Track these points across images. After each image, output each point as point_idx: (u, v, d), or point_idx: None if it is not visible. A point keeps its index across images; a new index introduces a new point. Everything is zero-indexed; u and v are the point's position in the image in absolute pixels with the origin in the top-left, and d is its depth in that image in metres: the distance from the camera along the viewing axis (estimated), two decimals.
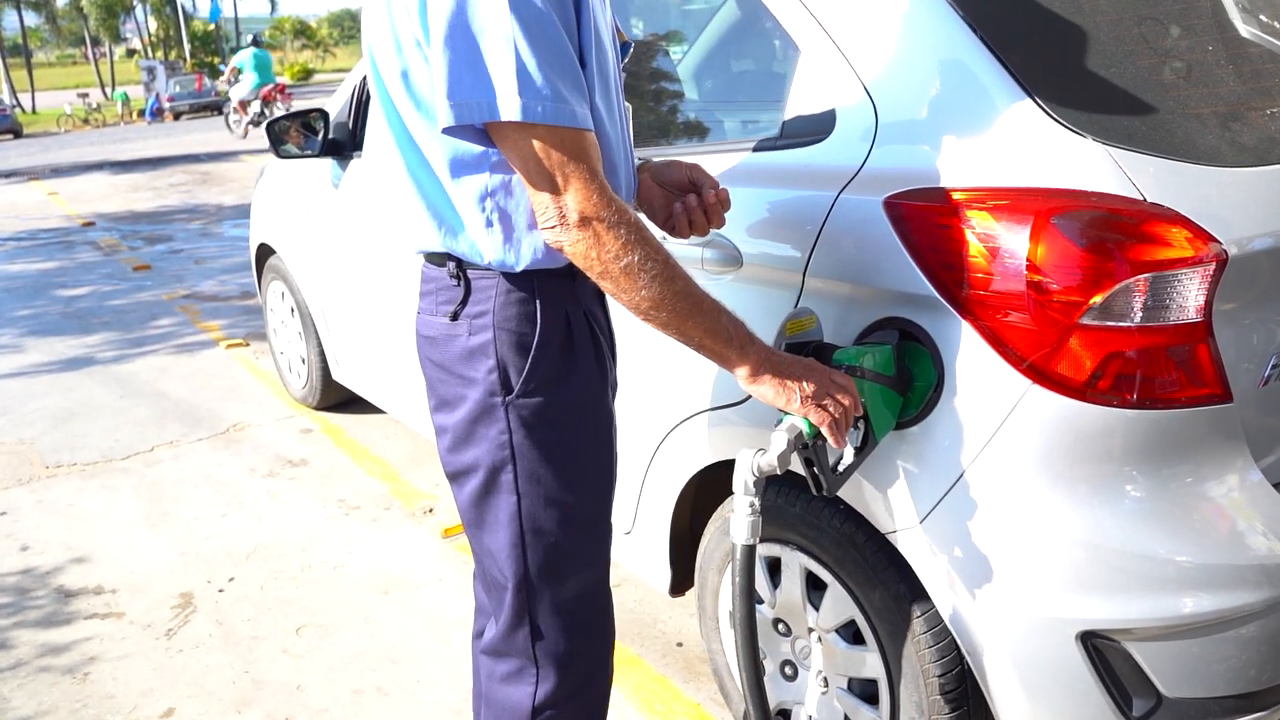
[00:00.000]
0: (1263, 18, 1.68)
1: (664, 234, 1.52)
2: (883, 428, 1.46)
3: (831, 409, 1.33)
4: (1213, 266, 1.35)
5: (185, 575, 2.86)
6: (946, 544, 1.48)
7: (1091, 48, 1.52)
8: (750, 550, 1.33)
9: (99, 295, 6.37)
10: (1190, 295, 1.35)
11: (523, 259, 1.28)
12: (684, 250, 1.83)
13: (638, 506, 2.09)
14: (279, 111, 14.72)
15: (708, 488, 1.96)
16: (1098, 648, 1.42)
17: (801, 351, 1.48)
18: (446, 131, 1.20)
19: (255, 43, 17.09)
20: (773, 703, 1.92)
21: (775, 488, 1.78)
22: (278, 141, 3.36)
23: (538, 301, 1.31)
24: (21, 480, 3.60)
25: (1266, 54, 1.64)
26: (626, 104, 1.45)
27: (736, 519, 1.33)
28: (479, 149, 1.24)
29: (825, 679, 1.80)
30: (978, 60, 1.47)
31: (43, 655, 2.49)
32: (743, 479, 1.31)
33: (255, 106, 15.94)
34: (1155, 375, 1.36)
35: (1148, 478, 1.41)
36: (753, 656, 1.41)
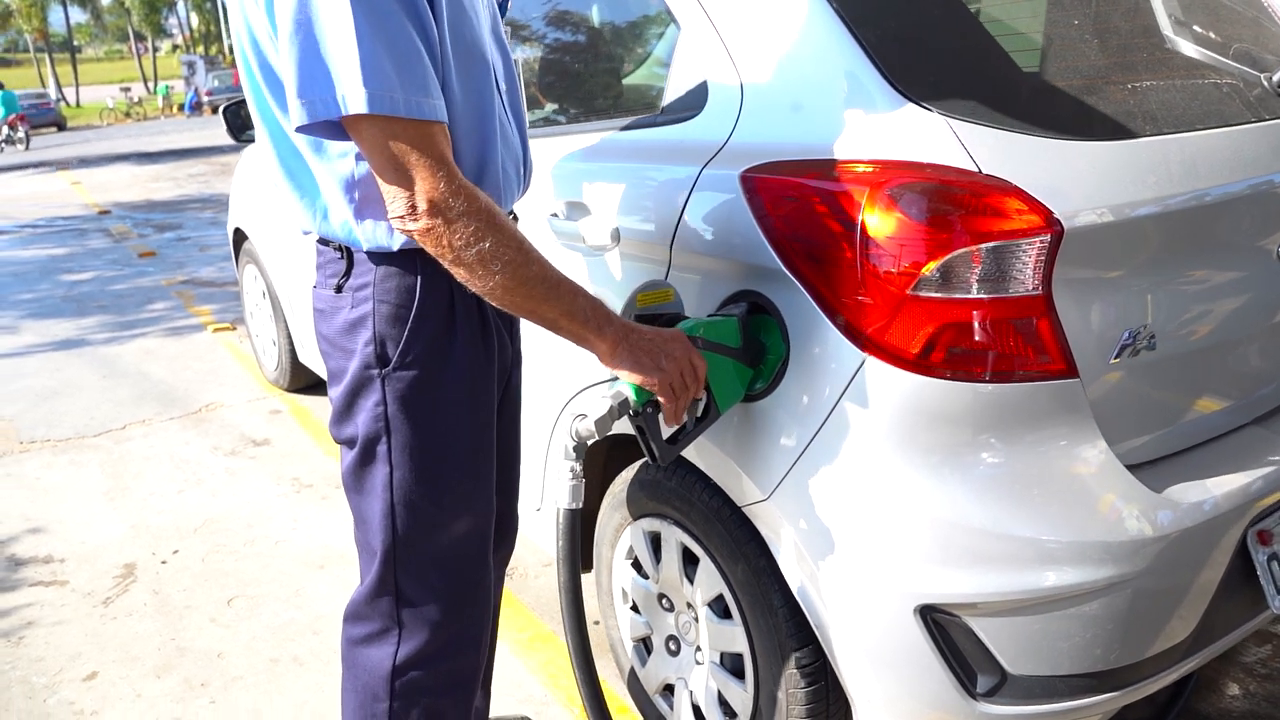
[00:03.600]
0: None
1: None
2: (727, 399, 1.46)
3: (674, 385, 1.34)
4: (1049, 239, 1.33)
5: (133, 547, 2.93)
6: (793, 517, 1.48)
7: (948, 23, 1.51)
8: (572, 515, 1.34)
9: (101, 280, 6.51)
10: (1027, 268, 1.34)
11: (397, 240, 1.30)
12: (566, 226, 1.85)
13: (544, 482, 2.11)
14: (20, 134, 22.45)
15: (613, 461, 1.96)
16: (939, 623, 1.41)
17: (653, 323, 1.49)
18: (301, 130, 1.20)
19: None
20: (657, 678, 1.93)
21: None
22: (241, 127, 3.41)
23: (419, 277, 1.32)
24: None
25: (1139, 28, 1.61)
26: (514, 59, 1.44)
27: (559, 484, 1.34)
28: (339, 142, 1.25)
29: (701, 653, 1.80)
30: (834, 36, 1.47)
31: None
32: (562, 444, 1.32)
33: (4, 131, 22.65)
34: (993, 348, 1.35)
35: (991, 453, 1.40)
36: (578, 622, 1.41)
